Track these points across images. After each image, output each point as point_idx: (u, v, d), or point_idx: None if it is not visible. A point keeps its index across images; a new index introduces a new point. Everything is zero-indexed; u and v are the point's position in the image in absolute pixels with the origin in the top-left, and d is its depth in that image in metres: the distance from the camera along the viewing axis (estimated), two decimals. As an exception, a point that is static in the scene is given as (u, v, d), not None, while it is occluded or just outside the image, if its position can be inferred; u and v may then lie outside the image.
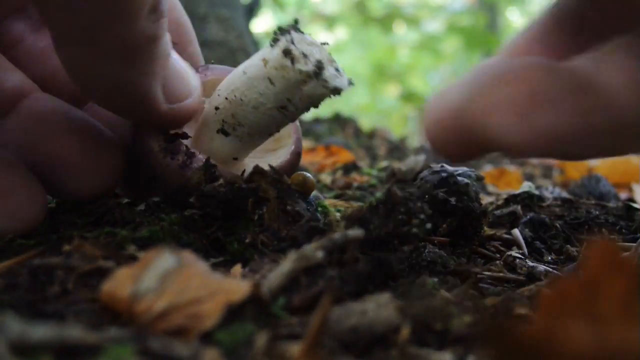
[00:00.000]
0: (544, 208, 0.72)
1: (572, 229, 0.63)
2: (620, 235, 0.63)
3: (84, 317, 0.32)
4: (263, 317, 0.33)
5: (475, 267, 0.48)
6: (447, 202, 0.54)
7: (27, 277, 0.36)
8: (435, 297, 0.36)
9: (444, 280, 0.42)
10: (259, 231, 0.46)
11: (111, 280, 0.33)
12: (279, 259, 0.40)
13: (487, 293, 0.43)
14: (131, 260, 0.40)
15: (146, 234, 0.45)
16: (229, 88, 0.48)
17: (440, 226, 0.54)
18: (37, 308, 0.33)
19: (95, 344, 0.27)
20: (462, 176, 0.56)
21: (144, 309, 0.31)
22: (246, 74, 0.46)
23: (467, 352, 0.30)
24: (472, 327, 0.31)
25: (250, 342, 0.30)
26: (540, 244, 0.58)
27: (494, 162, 1.91)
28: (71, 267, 0.38)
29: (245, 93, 0.46)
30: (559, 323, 0.24)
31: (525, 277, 0.48)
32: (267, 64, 0.44)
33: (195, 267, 0.34)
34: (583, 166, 1.28)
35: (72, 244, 0.41)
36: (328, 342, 0.30)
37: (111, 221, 0.48)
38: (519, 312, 0.35)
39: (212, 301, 0.32)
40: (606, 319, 0.24)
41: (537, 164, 1.88)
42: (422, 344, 0.31)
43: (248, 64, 0.47)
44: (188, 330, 0.31)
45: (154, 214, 0.47)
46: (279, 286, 0.35)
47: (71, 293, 0.36)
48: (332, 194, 0.81)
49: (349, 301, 0.34)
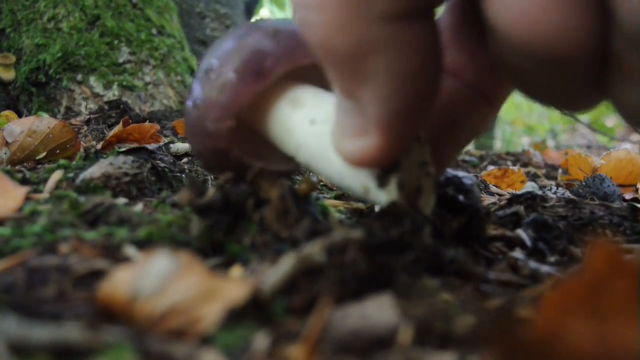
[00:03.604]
0: (547, 208, 0.71)
1: (576, 230, 0.63)
2: (625, 237, 0.62)
3: (82, 319, 0.32)
4: (263, 318, 0.32)
5: (478, 267, 0.48)
6: (456, 200, 0.53)
7: (24, 278, 0.36)
8: (437, 298, 0.35)
9: (445, 281, 0.42)
10: (259, 232, 0.46)
11: (109, 282, 0.33)
12: (279, 260, 0.40)
13: (489, 294, 0.42)
14: (129, 261, 0.40)
15: (144, 235, 0.44)
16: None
17: (450, 224, 0.54)
18: (34, 309, 0.32)
19: (93, 345, 0.27)
20: (465, 178, 0.56)
21: (143, 310, 0.31)
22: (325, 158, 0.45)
23: (469, 353, 0.30)
24: (474, 329, 0.31)
25: (250, 343, 0.30)
26: (543, 244, 0.58)
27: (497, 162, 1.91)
28: (69, 268, 0.38)
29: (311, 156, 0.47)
30: (562, 324, 0.24)
31: (528, 278, 0.48)
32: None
33: (194, 268, 0.34)
34: (587, 166, 1.28)
35: (69, 244, 0.41)
36: (328, 343, 0.30)
37: (109, 222, 0.48)
38: (521, 313, 0.35)
39: (211, 302, 0.32)
40: (609, 320, 0.24)
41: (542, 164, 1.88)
42: (423, 345, 0.31)
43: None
44: (187, 332, 0.30)
45: (152, 214, 0.46)
46: (279, 287, 0.35)
47: (69, 294, 0.35)
48: (332, 194, 0.80)
49: (349, 302, 0.34)
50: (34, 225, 0.48)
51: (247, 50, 0.47)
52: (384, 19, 0.31)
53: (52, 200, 0.59)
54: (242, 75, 0.47)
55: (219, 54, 0.49)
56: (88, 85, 1.76)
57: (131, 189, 0.68)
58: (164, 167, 0.77)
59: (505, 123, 5.60)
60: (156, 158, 0.79)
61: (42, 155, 0.92)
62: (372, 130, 0.36)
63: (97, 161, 0.73)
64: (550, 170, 1.80)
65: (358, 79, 0.34)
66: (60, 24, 1.81)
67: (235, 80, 0.47)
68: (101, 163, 0.70)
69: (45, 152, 0.92)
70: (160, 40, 1.90)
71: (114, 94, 1.75)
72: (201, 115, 0.49)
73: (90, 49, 1.77)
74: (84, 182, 0.67)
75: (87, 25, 1.81)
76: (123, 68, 1.80)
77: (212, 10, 2.34)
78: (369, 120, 0.36)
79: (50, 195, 0.62)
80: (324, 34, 0.32)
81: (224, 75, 0.47)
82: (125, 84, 1.78)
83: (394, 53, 0.32)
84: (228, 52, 0.48)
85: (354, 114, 0.37)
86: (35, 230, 0.46)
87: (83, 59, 1.76)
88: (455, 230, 0.54)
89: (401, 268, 0.39)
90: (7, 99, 1.80)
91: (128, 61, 1.82)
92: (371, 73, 0.33)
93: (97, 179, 0.68)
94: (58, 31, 1.80)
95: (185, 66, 1.95)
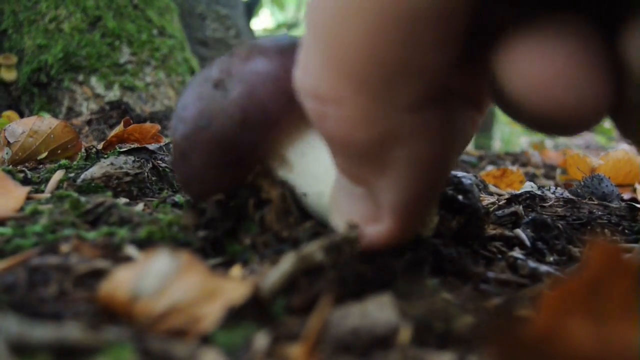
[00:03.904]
0: (546, 208, 0.72)
1: (575, 230, 0.63)
2: (623, 236, 0.63)
3: (83, 318, 0.32)
4: (263, 318, 0.32)
5: (477, 267, 0.48)
6: (455, 199, 0.53)
7: (26, 278, 0.36)
8: (437, 297, 0.35)
9: (445, 281, 0.42)
10: (259, 232, 0.46)
11: (110, 281, 0.33)
12: (279, 260, 0.40)
13: (488, 294, 0.42)
14: (130, 261, 0.40)
15: (145, 235, 0.44)
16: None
17: (449, 224, 0.54)
18: (35, 309, 0.32)
19: (94, 345, 0.27)
20: (464, 178, 0.56)
21: (143, 310, 0.31)
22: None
23: (468, 353, 0.30)
24: (474, 328, 0.31)
25: (250, 343, 0.30)
26: (542, 244, 0.58)
27: (496, 162, 1.91)
28: (69, 268, 0.38)
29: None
30: (561, 324, 0.24)
31: (527, 278, 0.48)
32: None
33: (194, 267, 0.34)
34: (586, 166, 1.28)
35: (70, 244, 0.41)
36: (328, 342, 0.30)
37: (109, 221, 0.48)
38: (520, 313, 0.35)
39: (211, 302, 0.32)
40: (608, 320, 0.24)
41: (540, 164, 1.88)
42: (423, 344, 0.31)
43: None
44: (187, 331, 0.30)
45: (153, 214, 0.47)
46: (279, 287, 0.35)
47: (69, 294, 0.35)
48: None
49: (349, 302, 0.34)
50: (35, 225, 0.48)
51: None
52: (409, 108, 0.28)
53: (53, 200, 0.59)
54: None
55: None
56: (89, 86, 1.77)
57: (132, 188, 0.69)
58: (164, 167, 0.77)
59: (504, 123, 5.60)
60: (157, 158, 0.79)
61: (43, 156, 0.93)
62: (386, 218, 0.34)
63: (98, 161, 0.73)
64: (549, 170, 1.80)
65: (376, 170, 0.31)
66: (62, 24, 1.81)
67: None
68: (102, 163, 0.70)
69: (46, 152, 0.93)
70: (161, 41, 1.91)
71: (115, 95, 1.75)
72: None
73: (91, 50, 1.78)
74: (85, 182, 0.67)
75: (89, 26, 1.82)
76: (124, 68, 1.80)
77: (212, 11, 2.34)
78: (383, 208, 0.33)
79: (51, 195, 0.62)
80: (343, 128, 0.29)
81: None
82: (127, 85, 1.78)
83: (418, 142, 0.30)
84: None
85: (365, 201, 0.34)
86: (37, 230, 0.46)
87: (84, 60, 1.76)
88: (454, 230, 0.54)
89: (401, 268, 0.39)
90: (9, 99, 1.80)
91: (129, 62, 1.82)
92: (391, 163, 0.30)
93: (98, 178, 0.68)
94: (59, 32, 1.80)
95: (186, 67, 1.95)
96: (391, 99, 0.28)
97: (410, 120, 0.29)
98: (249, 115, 0.41)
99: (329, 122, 0.30)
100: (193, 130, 0.43)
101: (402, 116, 0.29)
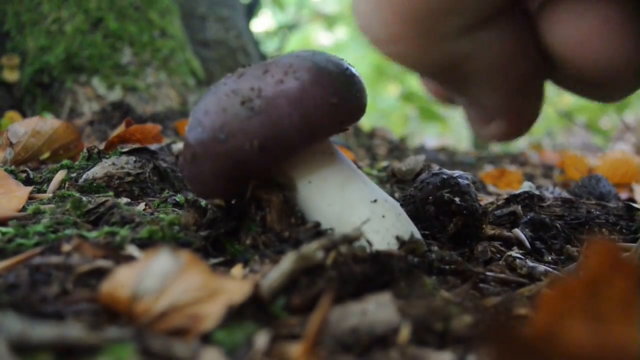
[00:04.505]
0: (544, 208, 0.72)
1: (573, 229, 0.63)
2: (621, 235, 0.63)
3: (84, 317, 0.32)
4: (263, 317, 0.33)
5: (476, 267, 0.48)
6: (452, 202, 0.54)
7: (27, 277, 0.36)
8: (436, 297, 0.35)
9: (444, 280, 0.42)
10: (260, 232, 0.46)
11: (111, 280, 0.33)
12: (279, 260, 0.40)
13: (487, 293, 0.43)
14: (131, 261, 0.40)
15: (146, 234, 0.45)
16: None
17: (447, 226, 0.54)
18: (36, 308, 0.33)
19: (95, 344, 0.27)
20: (461, 178, 0.56)
21: (144, 309, 0.31)
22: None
23: (467, 352, 0.30)
24: (473, 327, 0.31)
25: (250, 342, 0.30)
26: (541, 244, 0.58)
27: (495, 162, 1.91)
28: (71, 267, 0.38)
29: None
30: (559, 323, 0.24)
31: (525, 277, 0.48)
32: None
33: (195, 267, 0.34)
34: (583, 167, 1.28)
35: (72, 244, 0.41)
36: (328, 342, 0.30)
37: (111, 221, 0.48)
38: (519, 312, 0.35)
39: (212, 301, 0.32)
40: (606, 318, 0.24)
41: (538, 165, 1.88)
42: (422, 344, 0.31)
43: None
44: (188, 330, 0.31)
45: (154, 213, 0.47)
46: (279, 286, 0.35)
47: (71, 293, 0.36)
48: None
49: (349, 301, 0.34)
50: (37, 224, 0.48)
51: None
52: (458, 34, 0.32)
53: (55, 200, 0.59)
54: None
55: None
56: (91, 87, 1.77)
57: (133, 188, 0.69)
58: (166, 167, 0.77)
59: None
60: (158, 158, 0.79)
61: (45, 156, 0.93)
62: (494, 118, 0.38)
63: (99, 161, 0.73)
64: (547, 170, 1.80)
65: (459, 82, 0.36)
66: (64, 26, 1.82)
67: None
68: (104, 163, 0.70)
69: (48, 152, 0.93)
70: (163, 42, 1.91)
71: (117, 95, 1.76)
72: None
73: (93, 51, 1.78)
74: (86, 182, 0.68)
75: (91, 28, 1.82)
76: (126, 69, 1.81)
77: (213, 12, 2.34)
78: (487, 109, 0.38)
79: (53, 195, 0.62)
80: (408, 62, 0.34)
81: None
82: (128, 85, 1.78)
83: (481, 56, 0.34)
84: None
85: (472, 106, 0.39)
86: (38, 230, 0.46)
87: (86, 61, 1.77)
88: (453, 232, 0.54)
89: (400, 268, 0.39)
90: (12, 100, 1.81)
91: (131, 63, 1.82)
92: (470, 77, 0.35)
93: (99, 179, 0.68)
94: (62, 33, 1.80)
95: (187, 68, 1.96)
96: (438, 28, 0.32)
97: (465, 42, 0.33)
98: (268, 144, 0.42)
99: (396, 60, 0.34)
100: (209, 138, 0.43)
101: (454, 41, 0.33)
